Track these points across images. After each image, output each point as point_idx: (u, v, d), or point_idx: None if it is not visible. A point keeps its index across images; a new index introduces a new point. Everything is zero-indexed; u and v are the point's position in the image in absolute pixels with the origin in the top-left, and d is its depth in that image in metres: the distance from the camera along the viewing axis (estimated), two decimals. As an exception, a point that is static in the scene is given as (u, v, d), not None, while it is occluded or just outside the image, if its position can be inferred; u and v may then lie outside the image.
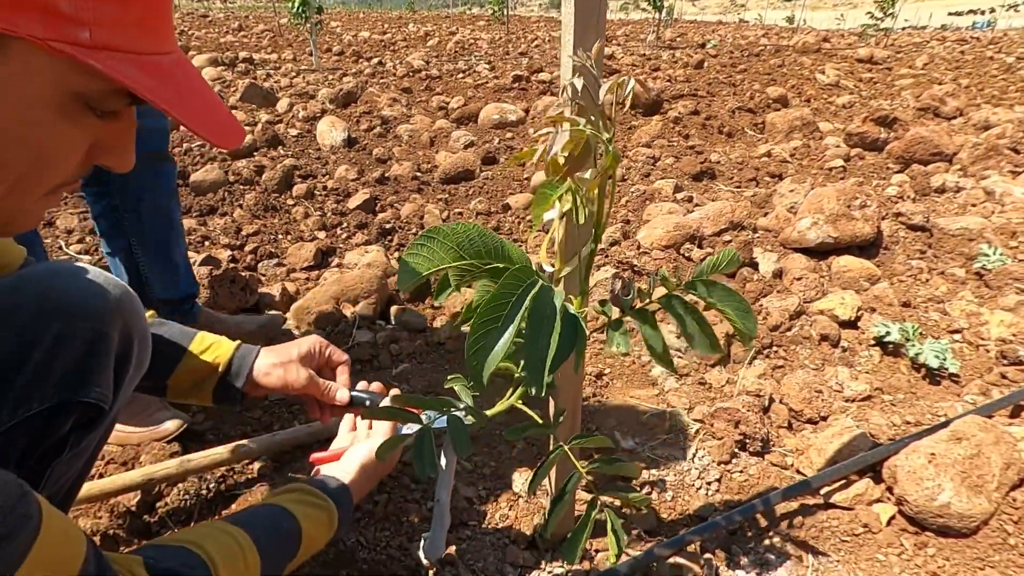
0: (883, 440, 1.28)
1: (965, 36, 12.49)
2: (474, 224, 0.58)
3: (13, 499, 0.47)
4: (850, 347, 1.65)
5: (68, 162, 0.49)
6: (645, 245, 2.20)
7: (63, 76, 0.44)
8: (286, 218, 2.47)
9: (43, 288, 0.69)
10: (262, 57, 7.12)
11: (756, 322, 0.71)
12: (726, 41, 9.92)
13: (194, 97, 0.51)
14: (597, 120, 0.58)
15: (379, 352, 1.56)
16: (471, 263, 0.59)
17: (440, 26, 13.94)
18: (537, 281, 0.56)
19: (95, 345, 0.70)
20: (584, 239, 0.75)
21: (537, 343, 0.53)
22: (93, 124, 0.48)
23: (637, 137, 3.72)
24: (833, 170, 3.26)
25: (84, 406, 0.71)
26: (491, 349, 0.52)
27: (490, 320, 0.53)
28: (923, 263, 2.16)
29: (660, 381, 1.53)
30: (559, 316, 0.55)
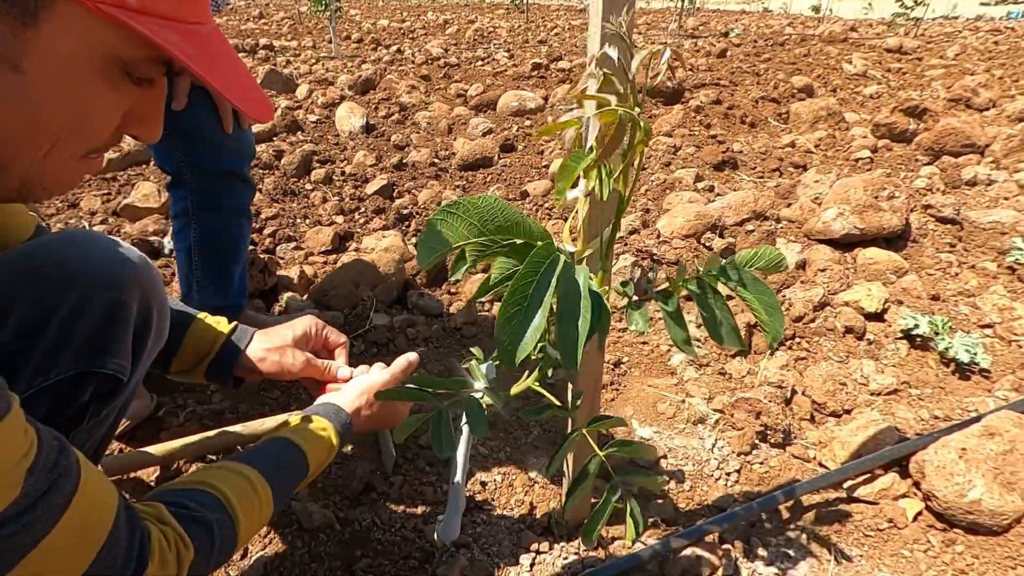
0: (910, 434, 1.25)
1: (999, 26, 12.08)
2: (495, 197, 0.57)
3: (54, 453, 0.49)
4: (876, 340, 1.61)
5: (105, 126, 0.49)
6: (665, 234, 2.17)
7: (105, 38, 0.44)
8: (304, 202, 2.47)
9: (61, 255, 0.68)
10: (282, 44, 7.15)
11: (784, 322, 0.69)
12: (750, 30, 9.72)
13: (230, 68, 0.51)
14: (628, 94, 0.55)
15: (396, 336, 1.56)
16: (492, 238, 0.57)
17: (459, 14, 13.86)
18: (559, 258, 0.55)
19: (114, 314, 0.69)
20: (607, 218, 0.73)
21: (569, 324, 0.52)
22: (130, 90, 0.49)
23: (658, 126, 3.66)
24: (859, 161, 3.18)
25: (102, 377, 0.71)
26: (523, 331, 0.50)
27: (517, 301, 0.51)
28: (953, 256, 2.10)
29: (679, 370, 1.51)
30: (585, 295, 0.53)
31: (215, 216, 1.30)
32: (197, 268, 1.34)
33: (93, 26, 0.43)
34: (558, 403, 0.77)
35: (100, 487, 0.54)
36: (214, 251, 1.33)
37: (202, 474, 0.70)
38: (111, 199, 2.32)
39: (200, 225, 1.30)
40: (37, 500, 0.47)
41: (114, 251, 0.72)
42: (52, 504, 0.48)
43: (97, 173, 1.74)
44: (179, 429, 1.21)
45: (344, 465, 1.17)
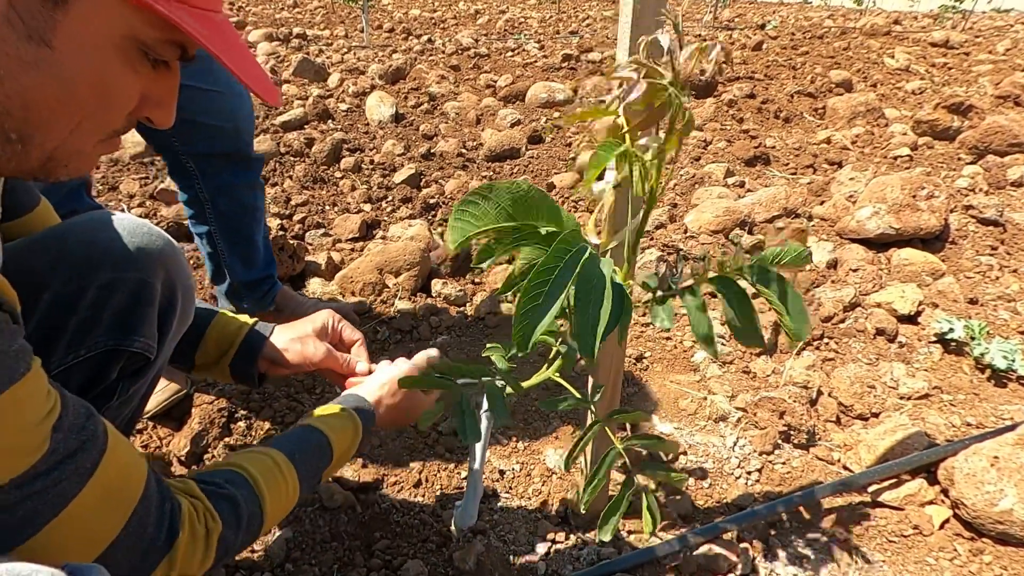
0: (940, 440, 1.22)
1: (1055, 20, 11.48)
2: (527, 182, 0.57)
3: (82, 418, 0.51)
4: (908, 343, 1.57)
5: (125, 105, 0.52)
6: (692, 229, 2.14)
7: (128, 20, 0.46)
8: (333, 190, 2.51)
9: (90, 238, 0.72)
10: (315, 33, 7.22)
11: (810, 325, 0.67)
12: (787, 22, 9.46)
13: (241, 53, 0.53)
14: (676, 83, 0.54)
15: (419, 323, 1.58)
16: (520, 223, 0.57)
17: (491, 4, 13.79)
18: (585, 248, 0.55)
19: (139, 294, 0.72)
20: (634, 211, 0.73)
21: (587, 310, 0.52)
22: (147, 73, 0.51)
23: (688, 119, 3.60)
24: (898, 159, 3.08)
25: (130, 355, 0.73)
26: (541, 315, 0.51)
27: (540, 284, 0.52)
28: (994, 259, 2.02)
29: (702, 367, 1.49)
30: (608, 284, 0.53)
31: (229, 197, 1.31)
32: (222, 250, 1.36)
33: (117, 8, 0.46)
34: (578, 395, 0.77)
35: (128, 455, 0.56)
36: (235, 230, 1.35)
37: (229, 457, 0.72)
38: (148, 183, 2.39)
39: (215, 208, 1.31)
40: (65, 459, 0.49)
41: (140, 234, 0.74)
42: (80, 465, 0.50)
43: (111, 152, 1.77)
44: (208, 406, 1.24)
45: (366, 448, 1.19)
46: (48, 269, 0.69)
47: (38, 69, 0.44)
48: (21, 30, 0.43)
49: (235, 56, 0.52)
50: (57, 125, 0.48)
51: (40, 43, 0.44)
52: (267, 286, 1.45)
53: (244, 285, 1.41)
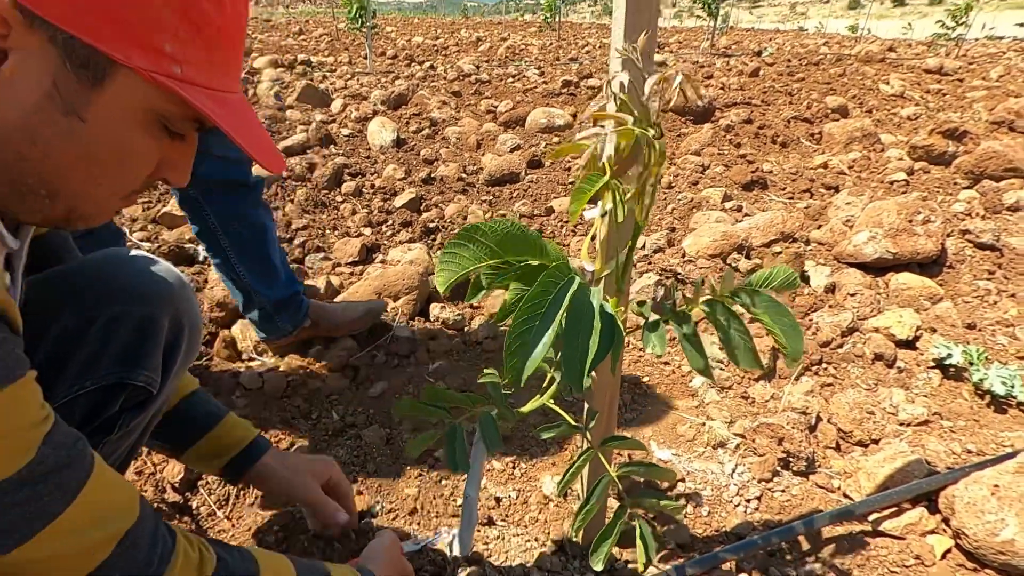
0: (940, 468, 1.20)
1: (1047, 47, 11.67)
2: (512, 220, 0.58)
3: (72, 438, 0.54)
4: (907, 368, 1.56)
5: (144, 170, 0.58)
6: (690, 253, 2.15)
7: (153, 99, 0.53)
8: (334, 214, 2.53)
9: (103, 273, 0.75)
10: (319, 60, 7.37)
11: (804, 342, 0.68)
12: (784, 49, 9.63)
13: (251, 128, 0.59)
14: (641, 117, 0.56)
15: (416, 348, 1.58)
16: (509, 259, 0.58)
17: (492, 32, 14.08)
18: (574, 279, 0.55)
19: (146, 329, 0.74)
20: (625, 239, 0.74)
21: (575, 342, 0.52)
22: (165, 142, 0.57)
23: (686, 145, 3.65)
24: (895, 184, 3.11)
25: (133, 388, 0.74)
26: (532, 349, 0.51)
27: (529, 319, 0.52)
28: (991, 284, 2.03)
29: (700, 393, 1.49)
30: (597, 316, 0.54)
31: (238, 220, 1.34)
32: (243, 275, 1.39)
33: (145, 89, 0.52)
34: (573, 421, 0.77)
35: (116, 482, 0.58)
36: (249, 252, 1.38)
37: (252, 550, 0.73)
38: (151, 207, 2.42)
39: (227, 233, 1.34)
40: (50, 472, 0.50)
41: (152, 271, 0.78)
42: (64, 482, 0.52)
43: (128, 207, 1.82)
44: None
45: (361, 474, 1.18)
46: (60, 302, 0.71)
47: (70, 138, 0.51)
48: (59, 105, 0.49)
49: (246, 132, 0.58)
50: (81, 185, 0.54)
51: (75, 116, 0.50)
52: (296, 303, 1.47)
53: (273, 306, 1.43)
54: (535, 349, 0.51)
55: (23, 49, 0.47)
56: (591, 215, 0.75)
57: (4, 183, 0.51)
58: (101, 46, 0.48)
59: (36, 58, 0.47)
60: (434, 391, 0.69)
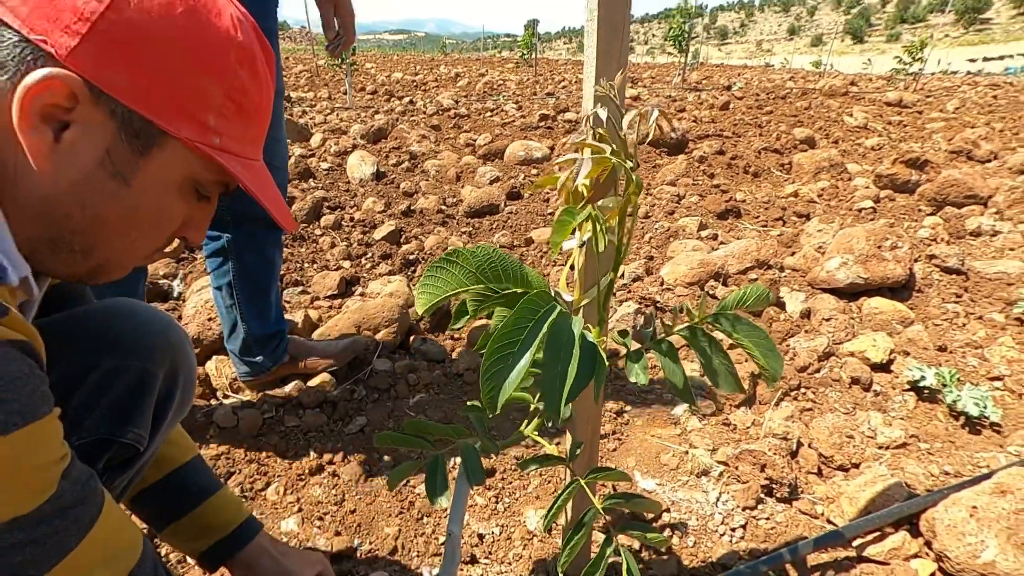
0: (920, 490, 1.21)
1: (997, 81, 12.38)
2: (494, 247, 0.59)
3: (86, 474, 0.54)
4: (883, 391, 1.59)
5: (171, 230, 0.61)
6: (669, 281, 2.18)
7: (192, 166, 0.57)
8: (313, 247, 2.52)
9: (101, 324, 0.74)
10: (299, 95, 7.44)
11: (782, 361, 0.69)
12: (752, 84, 10.02)
13: (271, 191, 0.64)
14: (619, 150, 0.58)
15: (397, 381, 1.56)
16: (490, 287, 0.59)
17: (471, 68, 14.41)
18: (555, 307, 0.56)
19: (141, 384, 0.73)
20: (604, 268, 0.75)
21: (554, 371, 0.52)
22: (193, 204, 0.61)
23: (662, 175, 3.73)
24: (863, 211, 3.21)
25: (120, 446, 0.72)
26: (507, 375, 0.51)
27: (506, 345, 0.52)
28: (959, 307, 2.09)
29: (683, 420, 1.49)
30: (577, 344, 0.54)
31: (256, 254, 1.37)
32: (240, 302, 1.39)
33: (188, 158, 0.56)
34: (556, 453, 0.76)
35: (124, 520, 0.58)
36: (254, 283, 1.39)
37: None
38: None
39: (241, 262, 1.36)
40: (68, 507, 0.51)
41: (152, 323, 0.77)
42: (80, 517, 0.52)
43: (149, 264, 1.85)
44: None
45: (340, 514, 1.14)
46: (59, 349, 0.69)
47: (114, 200, 0.54)
48: (110, 170, 0.53)
49: (268, 194, 0.63)
50: (116, 243, 0.57)
51: (122, 181, 0.54)
52: (278, 340, 1.48)
53: (257, 341, 1.43)
54: (511, 375, 0.50)
55: (85, 121, 0.51)
56: (569, 245, 0.76)
57: (44, 239, 0.54)
58: (157, 119, 0.53)
59: (96, 128, 0.51)
60: (416, 423, 0.68)
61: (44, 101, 0.48)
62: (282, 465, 1.27)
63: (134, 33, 0.50)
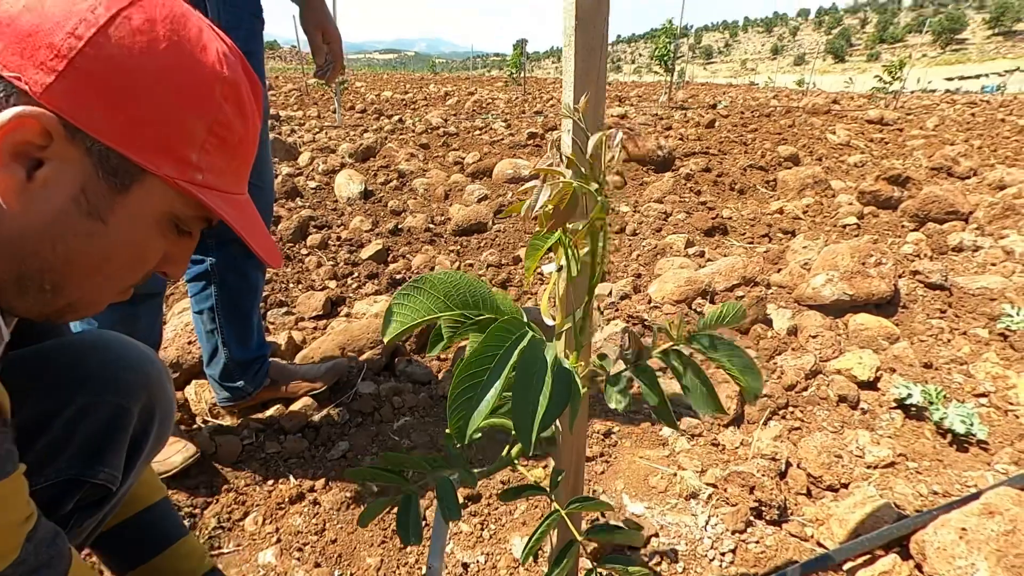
0: (909, 511, 1.20)
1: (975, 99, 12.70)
2: (462, 273, 0.57)
3: (52, 534, 0.53)
4: (870, 409, 1.58)
5: (149, 266, 0.59)
6: (656, 299, 2.18)
7: (173, 203, 0.55)
8: (299, 267, 2.50)
9: (75, 358, 0.71)
10: (288, 114, 7.46)
11: (761, 378, 0.68)
12: (737, 102, 10.19)
13: (256, 226, 0.62)
14: (587, 173, 0.57)
15: (382, 404, 1.53)
16: (459, 314, 0.58)
17: (460, 87, 14.55)
18: (527, 333, 0.54)
19: (115, 421, 0.71)
20: (583, 292, 0.74)
21: (525, 399, 0.51)
22: (172, 239, 0.59)
23: (649, 193, 3.76)
24: (847, 227, 3.25)
25: (91, 486, 0.69)
26: (475, 405, 0.50)
27: (475, 374, 0.51)
28: (943, 323, 2.10)
29: (671, 441, 1.47)
30: (550, 371, 0.53)
31: (240, 277, 1.35)
32: (222, 326, 1.37)
33: (168, 194, 0.54)
34: (543, 477, 0.75)
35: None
36: (237, 308, 1.37)
37: None
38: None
39: (225, 286, 1.34)
40: (31, 572, 0.49)
41: (129, 357, 0.74)
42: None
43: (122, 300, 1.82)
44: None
45: (320, 544, 1.11)
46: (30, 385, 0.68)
47: (89, 238, 0.52)
48: (84, 208, 0.51)
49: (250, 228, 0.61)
50: (88, 281, 0.55)
51: (97, 219, 0.52)
52: (259, 364, 1.46)
53: (238, 365, 1.41)
54: (480, 405, 0.49)
55: (60, 159, 0.49)
56: (549, 269, 0.75)
57: (11, 277, 0.52)
58: (136, 157, 0.51)
59: (71, 166, 0.49)
60: (391, 456, 0.66)
61: (16, 139, 0.46)
62: (261, 493, 1.24)
63: (114, 69, 0.49)
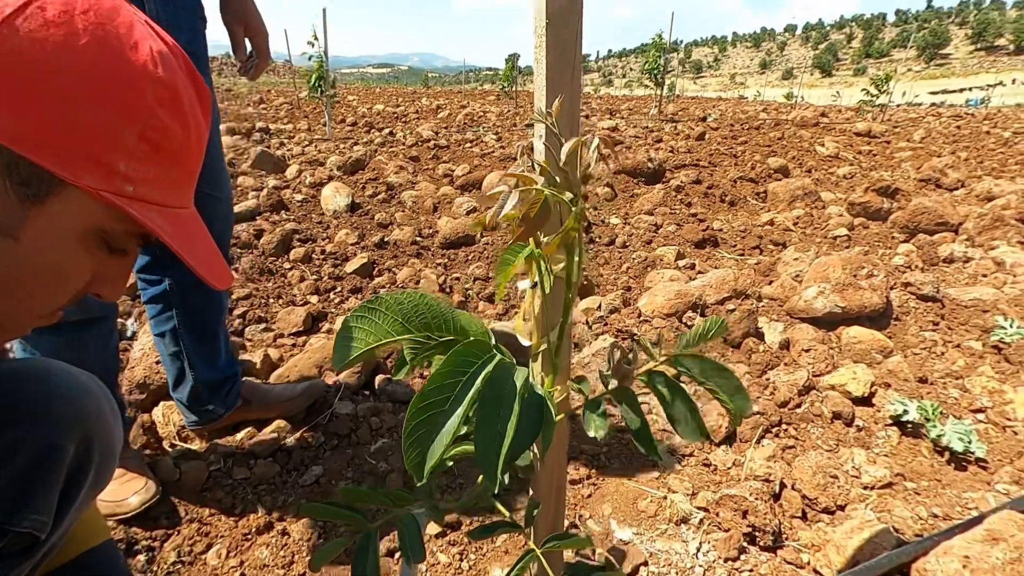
0: (908, 535, 1.15)
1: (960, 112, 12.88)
2: (420, 293, 0.52)
3: None
4: (865, 426, 1.54)
5: (75, 287, 0.54)
6: (646, 313, 2.13)
7: (96, 216, 0.50)
8: (281, 282, 2.44)
9: (10, 388, 0.65)
10: (278, 127, 7.41)
11: (750, 399, 0.63)
12: (726, 115, 10.25)
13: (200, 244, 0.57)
14: (562, 181, 0.52)
15: (359, 425, 1.47)
16: (420, 336, 0.52)
17: (452, 100, 14.59)
18: (494, 356, 0.49)
19: (44, 460, 0.64)
20: (563, 309, 0.68)
21: (489, 429, 0.45)
22: (102, 257, 0.54)
23: (639, 205, 3.73)
24: (837, 239, 3.23)
25: (16, 534, 0.63)
26: (433, 437, 0.44)
27: (434, 403, 0.45)
28: (937, 335, 2.07)
29: (660, 463, 1.41)
30: (518, 398, 0.47)
31: (203, 296, 1.26)
32: (186, 348, 1.28)
33: (91, 207, 0.48)
34: (510, 518, 0.69)
35: None
36: (202, 328, 1.29)
37: None
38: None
39: (186, 306, 1.26)
40: None
41: (68, 387, 0.68)
42: None
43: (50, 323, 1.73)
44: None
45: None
46: None
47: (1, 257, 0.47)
48: None
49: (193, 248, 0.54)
50: (8, 303, 0.50)
51: (7, 236, 0.46)
52: (230, 385, 1.38)
53: (207, 387, 1.33)
54: (438, 437, 0.43)
55: None
56: (523, 286, 0.70)
57: None
58: (50, 165, 0.45)
59: None
60: (349, 490, 0.60)
61: None
62: (227, 523, 1.17)
63: (22, 65, 0.43)
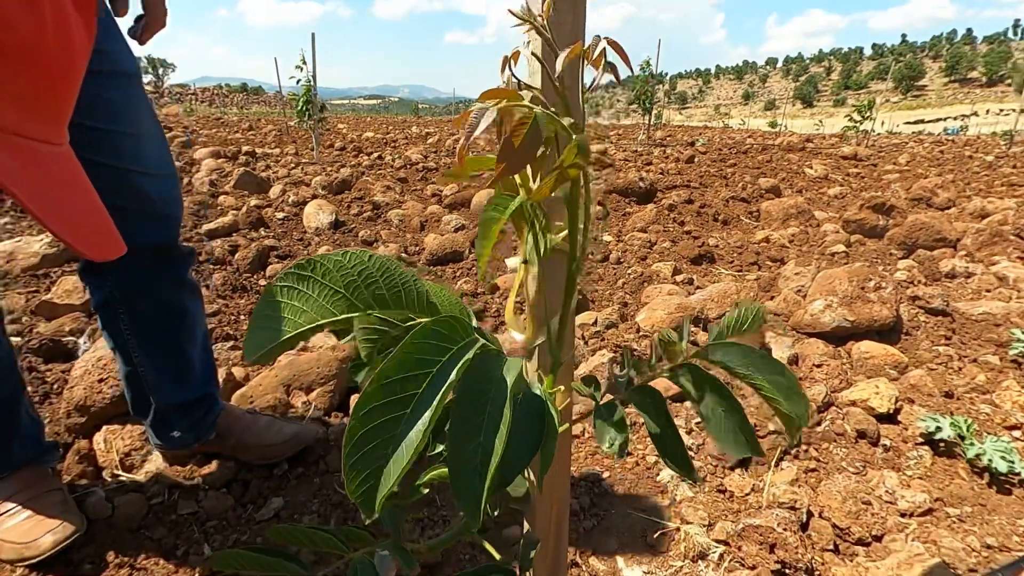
0: (962, 571, 1.00)
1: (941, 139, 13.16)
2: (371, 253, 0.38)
3: None
4: (893, 445, 1.39)
5: None
6: (645, 327, 2.00)
7: None
8: (254, 299, 2.28)
9: None
10: (265, 152, 7.31)
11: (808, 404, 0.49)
12: (714, 140, 10.35)
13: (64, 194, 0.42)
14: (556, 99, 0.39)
15: (329, 451, 1.30)
16: (374, 316, 0.38)
17: (442, 128, 14.66)
18: (476, 340, 0.35)
19: None
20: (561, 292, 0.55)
21: (470, 444, 0.31)
22: None
23: (632, 223, 3.64)
24: (836, 255, 3.13)
25: None
26: (388, 453, 0.29)
27: (390, 404, 0.30)
28: (951, 350, 1.95)
29: (671, 488, 1.26)
30: (509, 399, 0.33)
31: (149, 300, 1.06)
32: (140, 365, 1.08)
33: None
34: (501, 562, 0.53)
35: None
36: (157, 338, 1.08)
37: None
38: (38, 295, 2.10)
39: (133, 313, 1.05)
40: None
41: None
42: None
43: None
44: None
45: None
46: None
47: None
48: None
49: (46, 196, 0.40)
50: None
51: None
52: (203, 409, 1.16)
53: (175, 410, 1.12)
54: (395, 455, 0.29)
55: None
56: (513, 264, 0.56)
57: None
58: None
59: None
60: (282, 529, 0.45)
61: None
62: (165, 569, 0.99)
63: None
